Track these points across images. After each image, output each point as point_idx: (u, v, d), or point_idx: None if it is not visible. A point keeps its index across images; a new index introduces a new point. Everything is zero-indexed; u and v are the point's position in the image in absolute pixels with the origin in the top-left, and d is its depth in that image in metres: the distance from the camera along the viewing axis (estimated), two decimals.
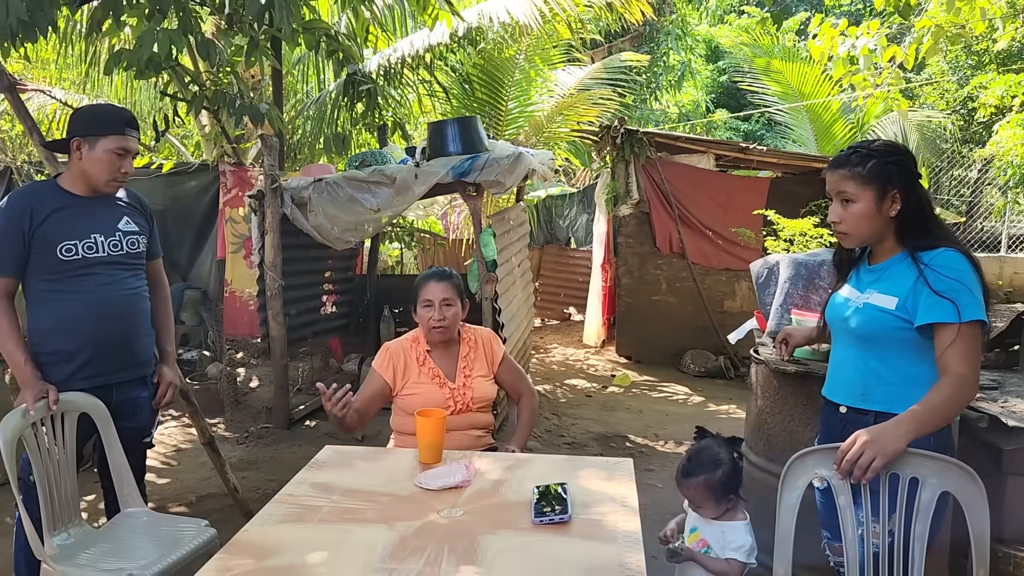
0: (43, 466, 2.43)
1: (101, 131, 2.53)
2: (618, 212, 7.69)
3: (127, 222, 2.70)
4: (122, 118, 2.59)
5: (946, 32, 6.49)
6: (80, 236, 2.55)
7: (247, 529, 1.90)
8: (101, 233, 2.60)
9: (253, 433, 5.22)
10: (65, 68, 8.06)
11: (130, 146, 2.58)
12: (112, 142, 2.53)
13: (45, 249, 2.51)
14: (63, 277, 2.54)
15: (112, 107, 2.72)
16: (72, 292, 2.55)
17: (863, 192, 2.03)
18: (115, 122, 2.56)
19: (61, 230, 2.52)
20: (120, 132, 2.54)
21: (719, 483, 2.19)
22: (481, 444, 2.90)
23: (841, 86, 10.04)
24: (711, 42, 17.36)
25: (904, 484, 1.88)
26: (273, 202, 4.99)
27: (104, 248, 2.60)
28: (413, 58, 6.56)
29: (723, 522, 2.21)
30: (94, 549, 2.46)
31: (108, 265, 2.61)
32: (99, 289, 2.58)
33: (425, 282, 2.88)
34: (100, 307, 2.59)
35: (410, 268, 10.18)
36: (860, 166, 2.03)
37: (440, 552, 1.79)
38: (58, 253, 2.51)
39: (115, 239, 2.64)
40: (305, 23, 4.64)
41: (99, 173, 2.56)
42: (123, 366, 2.69)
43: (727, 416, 5.98)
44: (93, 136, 2.52)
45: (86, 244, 2.56)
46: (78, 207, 2.58)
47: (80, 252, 2.54)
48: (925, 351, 2.01)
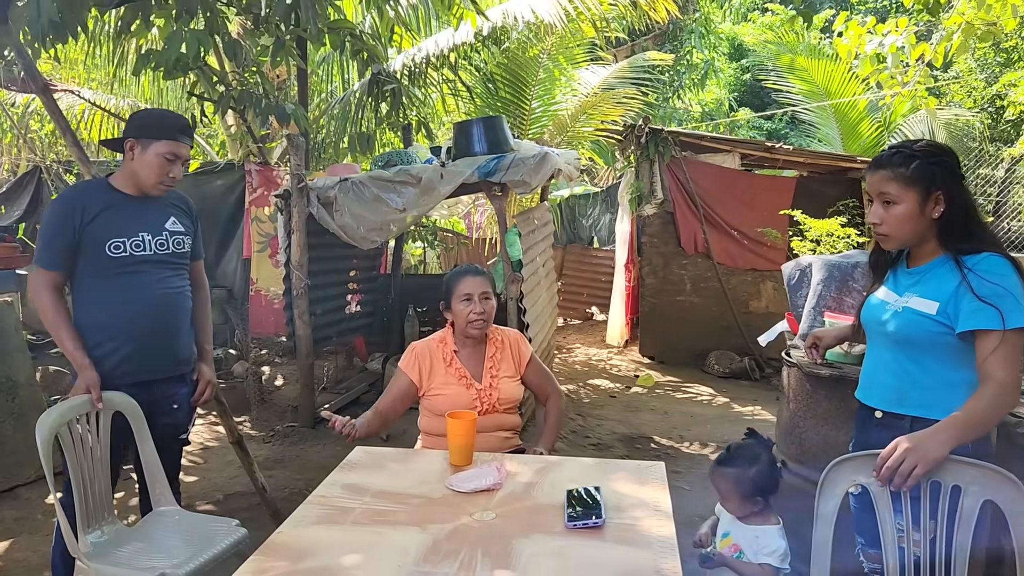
0: (78, 463, 2.45)
1: (154, 135, 2.58)
2: (642, 212, 7.65)
3: (174, 222, 2.75)
4: (176, 124, 2.64)
5: (977, 29, 6.39)
6: (128, 234, 2.60)
7: (281, 531, 1.91)
8: (149, 232, 2.65)
9: (279, 432, 5.25)
10: (93, 68, 8.15)
11: (181, 152, 2.63)
12: (163, 146, 2.58)
13: (94, 245, 2.55)
14: (110, 274, 2.58)
15: (169, 113, 2.79)
16: (118, 289, 2.59)
17: (906, 193, 1.99)
18: (169, 127, 2.61)
19: (110, 227, 2.57)
20: (172, 138, 2.60)
21: (750, 480, 2.16)
22: (509, 446, 2.89)
23: (868, 84, 9.93)
24: (734, 40, 17.23)
25: (946, 492, 1.84)
26: (300, 201, 5.02)
27: (151, 247, 2.65)
28: (437, 57, 6.56)
29: (756, 526, 2.18)
30: (127, 547, 2.48)
31: (154, 264, 2.66)
32: (145, 287, 2.63)
33: (461, 277, 2.89)
34: (145, 305, 2.63)
35: (433, 267, 10.19)
36: (903, 167, 1.99)
37: (474, 555, 1.78)
38: (107, 250, 2.56)
39: (162, 238, 2.69)
40: (330, 23, 4.65)
41: (148, 175, 2.61)
42: (164, 363, 2.73)
43: (752, 417, 5.94)
44: (146, 139, 2.58)
45: (134, 242, 2.61)
46: (128, 206, 2.63)
47: (128, 250, 2.59)
48: (964, 356, 1.97)
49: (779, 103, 12.67)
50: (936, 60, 6.78)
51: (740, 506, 2.21)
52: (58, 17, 3.32)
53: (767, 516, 2.20)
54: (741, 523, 2.21)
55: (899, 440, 1.85)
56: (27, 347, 4.42)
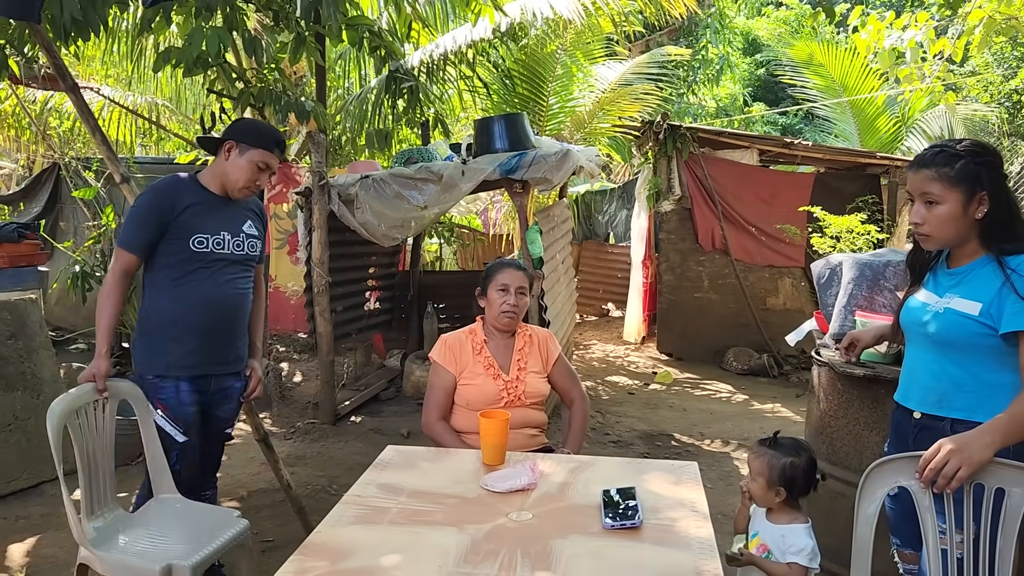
0: (85, 450, 2.48)
1: (254, 143, 2.68)
2: (660, 208, 7.63)
3: (250, 225, 2.85)
4: (275, 138, 2.76)
5: (998, 24, 6.33)
6: (211, 231, 2.69)
7: (320, 530, 1.91)
8: (229, 232, 2.74)
9: (300, 428, 5.26)
10: (111, 65, 8.17)
11: (272, 164, 2.74)
12: (259, 155, 2.69)
13: (179, 237, 2.64)
14: (189, 267, 2.67)
15: (269, 127, 2.96)
16: (194, 283, 2.67)
17: (950, 193, 1.96)
18: (268, 139, 2.72)
19: (196, 223, 2.66)
20: (269, 149, 2.71)
21: (781, 467, 2.13)
22: (536, 443, 2.90)
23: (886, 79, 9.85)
24: (748, 35, 17.13)
25: (990, 494, 1.83)
26: (320, 199, 5.02)
27: (229, 246, 2.74)
28: (455, 54, 6.55)
29: (783, 525, 2.16)
30: (129, 534, 2.50)
31: (229, 263, 2.75)
32: (218, 285, 2.71)
33: (502, 268, 2.95)
34: (216, 301, 2.71)
35: (449, 264, 10.19)
36: (948, 166, 1.95)
37: (513, 556, 1.77)
38: (191, 244, 2.64)
39: (239, 239, 2.78)
40: (348, 19, 4.65)
41: (237, 178, 2.70)
42: (223, 360, 2.81)
43: (772, 415, 5.92)
44: (245, 144, 2.68)
45: (215, 240, 2.70)
46: (212, 204, 2.72)
47: (210, 246, 2.69)
48: (1007, 358, 1.95)
49: (794, 98, 12.59)
50: (956, 55, 6.73)
51: (763, 492, 2.17)
52: (80, 15, 3.34)
53: (794, 515, 2.17)
54: (769, 522, 2.19)
55: (942, 442, 1.83)
56: (51, 344, 4.44)
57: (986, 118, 11.35)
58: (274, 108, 4.83)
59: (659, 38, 11.93)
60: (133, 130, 8.66)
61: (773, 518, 2.21)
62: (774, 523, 2.20)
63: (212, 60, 3.91)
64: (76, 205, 7.40)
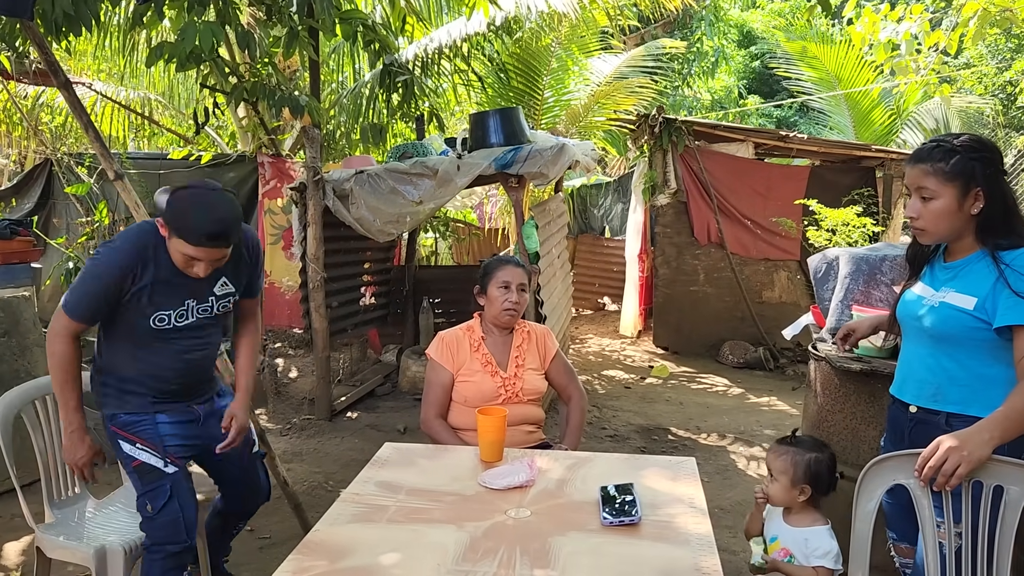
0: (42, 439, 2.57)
1: (176, 232, 2.25)
2: (655, 202, 7.62)
3: (223, 283, 2.50)
4: (204, 230, 2.23)
5: (992, 16, 6.34)
6: (175, 306, 2.41)
7: (318, 529, 1.90)
8: (194, 298, 2.44)
9: (295, 424, 5.25)
10: (102, 60, 8.12)
11: (201, 256, 2.27)
12: (181, 246, 2.26)
13: (137, 313, 2.37)
14: (148, 338, 2.42)
15: (210, 211, 2.25)
16: (149, 351, 2.44)
17: (945, 189, 1.96)
18: (194, 232, 2.23)
19: (157, 300, 2.37)
20: (195, 243, 2.24)
21: (806, 464, 2.12)
22: (533, 440, 2.90)
23: (881, 71, 9.86)
24: (743, 27, 17.12)
25: (988, 491, 1.82)
26: (315, 194, 5.00)
27: (194, 314, 2.46)
28: (450, 48, 6.52)
29: (804, 528, 2.15)
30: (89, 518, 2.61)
31: (194, 328, 2.48)
32: (177, 353, 2.48)
33: (502, 265, 2.94)
34: (178, 367, 2.49)
35: (444, 259, 10.17)
36: (943, 161, 1.95)
37: (512, 554, 1.77)
38: (150, 322, 2.39)
39: (207, 304, 2.48)
40: (342, 13, 4.63)
41: (176, 262, 2.34)
42: (201, 393, 2.63)
43: (768, 408, 5.93)
44: (171, 229, 2.26)
45: (179, 312, 2.42)
46: (175, 269, 2.36)
47: (171, 322, 2.42)
48: (1002, 352, 1.95)
49: (789, 91, 12.59)
50: (951, 47, 6.73)
51: (786, 491, 2.15)
52: (72, 10, 3.31)
53: (815, 516, 2.15)
54: (788, 526, 2.17)
55: (941, 439, 1.83)
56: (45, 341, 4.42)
57: (980, 110, 11.37)
58: (268, 103, 4.81)
59: (654, 31, 11.92)
60: (126, 125, 8.63)
61: (792, 520, 2.18)
62: (794, 525, 2.16)
63: (205, 55, 3.88)
64: (69, 201, 7.36)
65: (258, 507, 2.78)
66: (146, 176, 7.14)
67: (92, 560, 2.37)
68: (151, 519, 2.34)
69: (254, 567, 2.93)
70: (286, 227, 6.90)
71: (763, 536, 2.27)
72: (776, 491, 2.17)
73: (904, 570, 2.27)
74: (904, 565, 2.26)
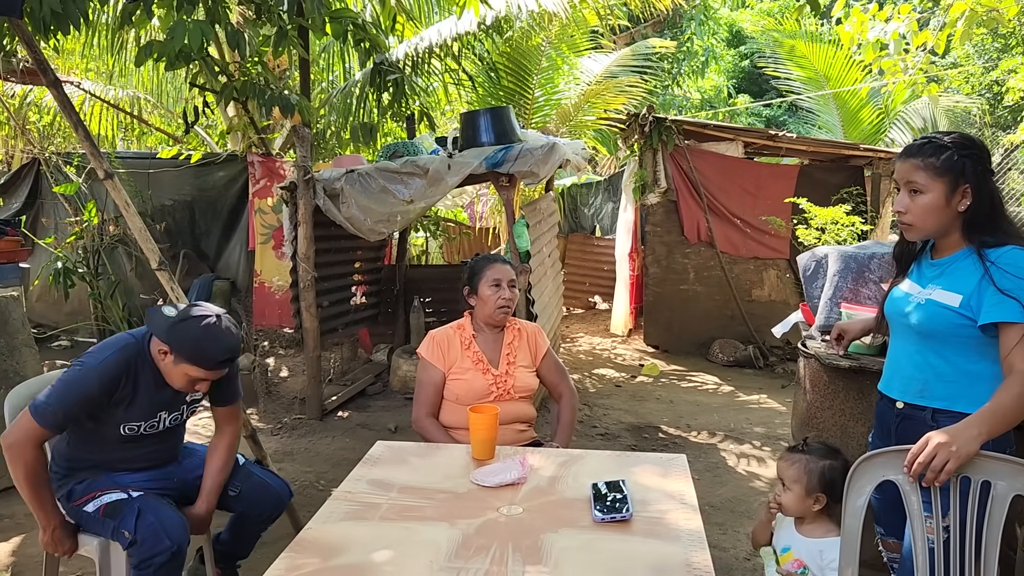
0: None
1: (189, 359, 2.28)
2: (646, 201, 7.64)
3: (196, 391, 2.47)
4: (219, 357, 2.30)
5: (979, 16, 6.38)
6: (146, 417, 2.42)
7: (310, 527, 1.90)
8: (167, 409, 2.46)
9: (286, 424, 5.24)
10: (90, 58, 8.08)
11: (212, 378, 2.36)
12: (195, 371, 2.30)
13: (107, 422, 2.37)
14: (111, 442, 2.43)
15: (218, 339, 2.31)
16: (117, 452, 2.45)
17: (933, 184, 1.98)
18: (208, 359, 2.29)
19: (130, 412, 2.37)
20: (210, 368, 2.31)
21: (820, 471, 2.11)
22: (524, 438, 2.91)
23: (870, 71, 9.91)
24: (733, 26, 17.17)
25: (976, 487, 1.84)
26: (306, 193, 4.99)
27: (165, 423, 2.48)
28: (440, 47, 6.53)
29: (819, 539, 2.11)
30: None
31: (163, 433, 2.50)
32: (145, 453, 2.49)
33: (491, 263, 2.95)
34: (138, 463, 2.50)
35: (435, 258, 10.17)
36: (933, 157, 1.98)
37: (505, 550, 1.78)
38: (120, 430, 2.39)
39: (178, 413, 2.51)
40: (332, 12, 4.62)
41: (172, 382, 2.36)
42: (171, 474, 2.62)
43: (758, 406, 5.95)
44: (180, 357, 2.29)
45: (150, 423, 2.44)
46: (152, 385, 2.38)
47: (142, 431, 2.43)
48: (987, 348, 1.97)
49: (778, 90, 12.64)
50: (938, 47, 6.77)
51: (800, 501, 2.12)
52: (60, 8, 3.30)
53: (828, 526, 2.13)
54: (802, 536, 2.13)
55: (930, 435, 1.85)
56: (34, 341, 4.40)
57: (968, 109, 11.44)
58: (258, 102, 4.80)
59: (644, 30, 11.95)
60: (114, 124, 8.58)
61: (806, 530, 2.15)
62: (807, 535, 2.13)
63: (194, 54, 3.88)
64: (57, 201, 7.32)
65: (276, 508, 2.70)
66: (135, 175, 7.11)
67: (96, 552, 2.37)
68: (132, 543, 2.27)
69: (246, 566, 2.92)
70: (276, 226, 6.88)
71: (772, 546, 2.25)
72: (790, 500, 2.14)
73: (892, 565, 2.28)
74: (892, 560, 2.28)
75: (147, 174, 7.27)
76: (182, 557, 2.32)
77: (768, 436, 5.15)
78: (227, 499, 2.60)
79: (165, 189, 7.35)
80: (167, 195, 7.37)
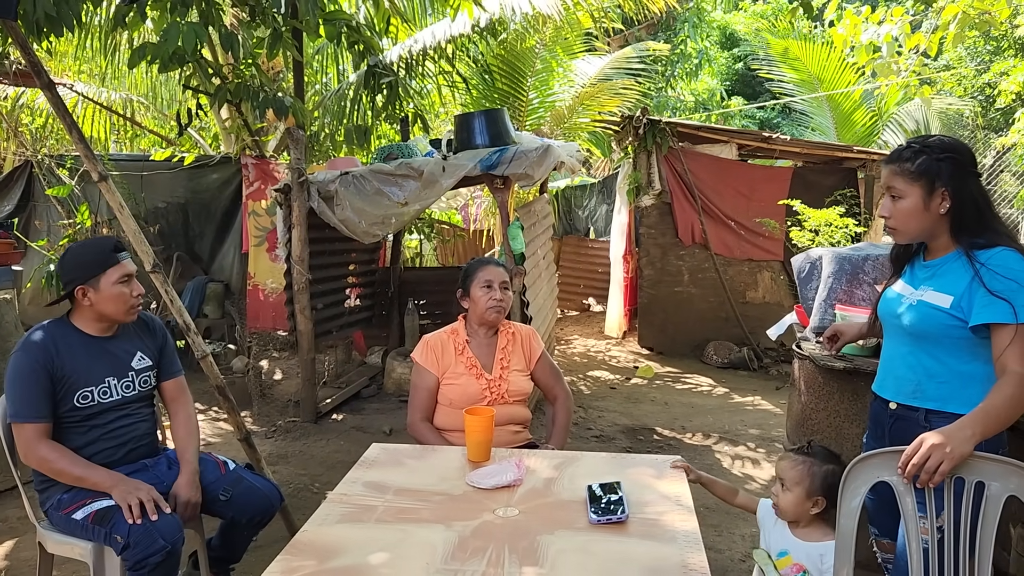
0: None
1: (99, 269, 2.43)
2: (640, 203, 7.66)
3: (140, 358, 2.61)
4: (108, 247, 2.48)
5: (972, 19, 6.41)
6: (96, 381, 2.46)
7: (306, 529, 1.90)
8: (114, 375, 2.51)
9: (281, 427, 5.23)
10: (83, 60, 8.06)
11: (129, 269, 2.48)
12: (114, 274, 2.44)
13: (65, 394, 2.41)
14: (72, 424, 2.45)
15: (93, 242, 2.55)
16: (84, 436, 2.46)
17: (910, 188, 2.02)
18: (106, 255, 2.45)
19: (79, 374, 2.43)
20: (115, 262, 2.45)
21: (823, 475, 2.10)
22: (519, 440, 2.91)
23: (863, 73, 9.95)
24: (726, 29, 17.22)
25: (970, 488, 1.85)
26: (300, 196, 4.98)
27: (118, 391, 2.52)
28: (434, 49, 6.53)
29: (818, 543, 2.10)
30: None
31: (119, 407, 2.53)
32: (111, 431, 2.50)
33: (483, 265, 2.96)
34: (111, 456, 2.50)
35: (429, 260, 10.16)
36: (909, 162, 2.02)
37: (501, 552, 1.78)
38: (75, 401, 2.42)
39: (128, 380, 2.55)
40: (326, 14, 4.62)
41: (116, 309, 2.48)
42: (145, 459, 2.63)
43: (753, 408, 5.96)
44: (93, 277, 2.42)
45: (101, 389, 2.48)
46: (93, 347, 2.49)
47: (95, 398, 2.47)
48: (979, 349, 1.98)
49: (771, 92, 12.67)
50: (931, 49, 6.81)
51: (800, 503, 2.10)
52: (54, 11, 3.29)
53: (826, 530, 2.11)
54: (799, 540, 2.12)
55: (924, 436, 1.85)
56: None
57: (960, 112, 11.48)
58: (251, 104, 4.79)
59: (638, 33, 11.98)
60: (107, 127, 8.56)
61: (803, 534, 2.14)
62: (805, 540, 2.12)
63: (188, 56, 3.87)
64: (49, 203, 7.29)
65: (267, 513, 2.68)
66: (128, 178, 7.09)
67: (90, 555, 2.36)
68: (126, 546, 2.25)
69: (241, 569, 2.91)
70: (270, 229, 6.87)
71: (766, 550, 2.24)
72: (789, 502, 2.12)
73: (886, 566, 2.29)
74: (886, 560, 2.28)
75: (140, 176, 7.25)
76: (177, 557, 2.31)
77: (763, 438, 5.16)
78: (217, 504, 2.58)
79: (158, 191, 7.33)
80: (160, 197, 7.35)
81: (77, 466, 2.37)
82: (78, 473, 2.36)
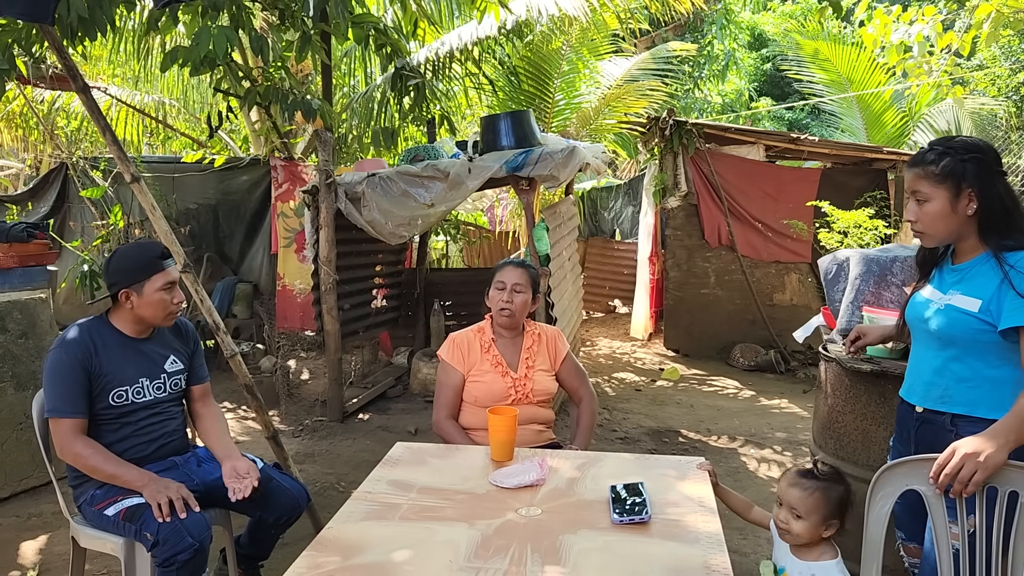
0: None
1: (144, 275, 2.50)
2: (666, 204, 7.63)
3: (172, 361, 2.68)
4: (156, 253, 2.56)
5: (1006, 17, 6.31)
6: (131, 381, 2.53)
7: (331, 526, 1.92)
8: (148, 376, 2.58)
9: (308, 426, 5.29)
10: (117, 64, 8.21)
11: (173, 276, 2.56)
12: (158, 280, 2.51)
13: (100, 392, 2.47)
14: (106, 421, 2.51)
15: (140, 247, 2.64)
16: (116, 433, 2.52)
17: (936, 191, 1.99)
18: (152, 261, 2.53)
19: (114, 374, 2.49)
20: (160, 269, 2.53)
21: (836, 499, 2.01)
22: (543, 439, 2.92)
23: (893, 73, 9.82)
24: (754, 30, 17.08)
25: (1003, 498, 1.82)
26: (327, 197, 5.03)
27: (150, 392, 2.58)
28: (461, 51, 6.56)
29: (812, 562, 2.04)
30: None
31: (150, 407, 2.59)
32: (144, 429, 2.57)
33: (503, 267, 2.98)
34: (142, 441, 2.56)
35: (455, 262, 10.20)
36: (933, 164, 1.99)
37: (523, 551, 1.79)
38: (110, 399, 2.49)
39: (160, 382, 2.62)
40: (354, 17, 4.66)
41: (155, 314, 2.55)
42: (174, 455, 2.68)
43: (779, 411, 5.91)
44: (138, 283, 2.50)
45: (135, 389, 2.54)
46: (129, 348, 2.56)
47: (129, 397, 2.53)
48: (1008, 353, 1.95)
49: (800, 93, 12.55)
50: (963, 49, 6.71)
51: (816, 529, 2.02)
52: (87, 13, 3.35)
53: (822, 548, 2.06)
54: (795, 557, 2.07)
55: (956, 445, 1.82)
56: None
57: (994, 112, 11.29)
58: (280, 107, 4.85)
59: (665, 34, 11.92)
60: (140, 129, 8.71)
61: (799, 552, 2.09)
62: (802, 559, 2.07)
63: (219, 59, 3.92)
64: (84, 205, 7.43)
65: (294, 512, 2.71)
66: (160, 180, 7.20)
67: (121, 550, 2.41)
68: (155, 544, 2.28)
69: (268, 566, 2.95)
70: (299, 230, 6.94)
71: (774, 562, 2.21)
72: (804, 529, 2.03)
73: (913, 570, 2.27)
74: (913, 565, 2.26)
75: (172, 178, 7.37)
76: (205, 554, 2.35)
77: (789, 441, 5.11)
78: (245, 503, 2.61)
79: (189, 193, 7.43)
80: (191, 199, 7.46)
81: (110, 463, 2.42)
82: (111, 471, 2.41)
